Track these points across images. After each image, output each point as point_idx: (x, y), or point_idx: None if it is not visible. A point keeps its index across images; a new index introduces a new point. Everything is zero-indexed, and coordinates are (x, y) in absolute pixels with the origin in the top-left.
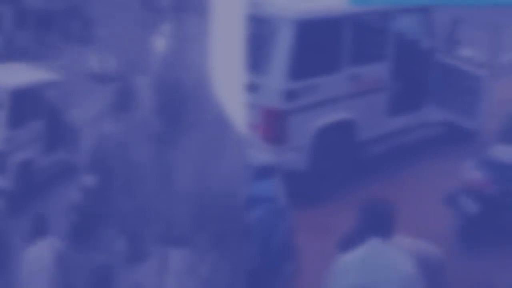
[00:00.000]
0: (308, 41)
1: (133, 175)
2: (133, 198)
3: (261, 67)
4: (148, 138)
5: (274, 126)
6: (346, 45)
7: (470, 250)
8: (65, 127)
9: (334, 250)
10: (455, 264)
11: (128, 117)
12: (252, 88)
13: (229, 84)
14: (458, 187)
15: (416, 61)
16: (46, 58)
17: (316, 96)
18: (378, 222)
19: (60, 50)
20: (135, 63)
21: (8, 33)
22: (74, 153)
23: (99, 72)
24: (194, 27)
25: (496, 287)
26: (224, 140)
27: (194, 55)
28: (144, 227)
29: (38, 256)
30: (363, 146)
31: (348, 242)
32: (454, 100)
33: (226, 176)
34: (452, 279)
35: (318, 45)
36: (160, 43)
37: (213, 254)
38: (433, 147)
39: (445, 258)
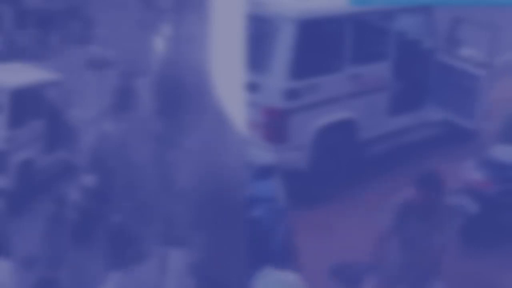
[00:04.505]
0: (309, 41)
1: (133, 175)
2: (133, 198)
3: (262, 66)
4: (148, 138)
5: (274, 125)
6: (347, 44)
7: (470, 250)
8: (65, 127)
9: (334, 250)
10: (455, 264)
11: (128, 117)
12: (253, 87)
13: (229, 84)
14: (458, 187)
15: (417, 60)
16: (46, 58)
17: (317, 96)
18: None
19: (60, 50)
20: (135, 63)
21: (8, 33)
22: (74, 153)
23: (97, 59)
24: (194, 27)
25: (496, 287)
26: (224, 139)
27: (194, 55)
28: (144, 227)
29: None
30: (364, 145)
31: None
32: (454, 99)
33: (226, 176)
34: (452, 279)
35: (319, 45)
36: (160, 43)
37: (213, 253)
38: (433, 147)
39: None
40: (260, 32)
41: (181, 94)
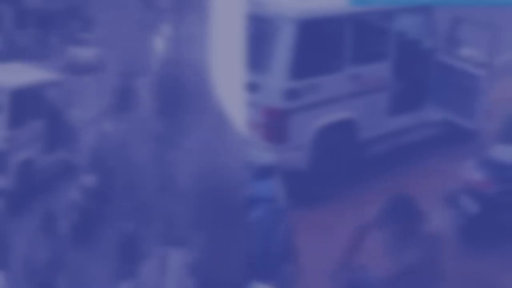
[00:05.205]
0: (309, 41)
1: (133, 175)
2: (133, 198)
3: (262, 66)
4: (148, 138)
5: (274, 125)
6: (347, 44)
7: (470, 250)
8: (65, 127)
9: (334, 250)
10: (455, 264)
11: (128, 117)
12: (253, 87)
13: (229, 84)
14: (458, 187)
15: (416, 60)
16: (46, 58)
17: (317, 96)
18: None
19: (60, 50)
20: (135, 63)
21: (8, 33)
22: (74, 153)
23: (78, 63)
24: (194, 27)
25: (496, 287)
26: (224, 139)
27: (194, 55)
28: (144, 227)
29: None
30: (364, 145)
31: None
32: (454, 99)
33: (226, 176)
34: (452, 279)
35: (319, 45)
36: (160, 43)
37: (213, 253)
38: (433, 147)
39: None
40: (260, 32)
41: (181, 94)
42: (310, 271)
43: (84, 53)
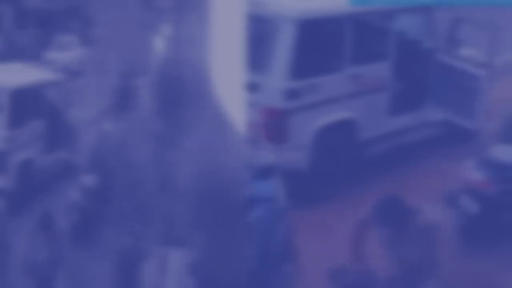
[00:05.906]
0: (309, 41)
1: (133, 175)
2: (133, 198)
3: (262, 66)
4: (148, 138)
5: (274, 125)
6: (347, 44)
7: (470, 250)
8: (65, 127)
9: (334, 250)
10: (455, 264)
11: (128, 117)
12: (253, 87)
13: (229, 84)
14: (458, 187)
15: (417, 60)
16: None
17: (317, 96)
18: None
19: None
20: (135, 63)
21: (8, 33)
22: (74, 153)
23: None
24: (194, 27)
25: (496, 287)
26: (224, 139)
27: (194, 55)
28: (144, 226)
29: None
30: (364, 145)
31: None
32: (454, 99)
33: (226, 176)
34: (453, 279)
35: (319, 45)
36: (160, 43)
37: (213, 253)
38: (433, 147)
39: None
40: (260, 32)
41: (181, 94)
42: (310, 271)
43: (63, 57)
